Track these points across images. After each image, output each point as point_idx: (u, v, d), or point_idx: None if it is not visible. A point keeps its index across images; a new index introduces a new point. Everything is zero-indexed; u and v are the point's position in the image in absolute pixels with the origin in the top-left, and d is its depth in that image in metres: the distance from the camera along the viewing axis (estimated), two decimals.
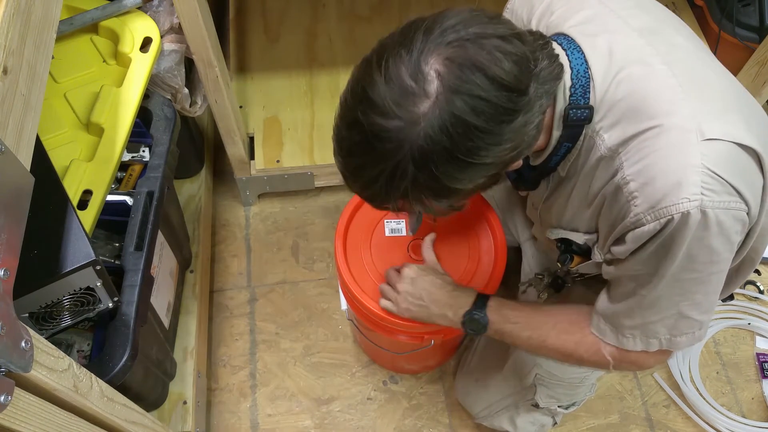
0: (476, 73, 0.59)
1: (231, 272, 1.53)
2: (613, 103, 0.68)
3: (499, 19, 0.64)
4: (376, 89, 0.61)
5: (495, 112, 0.60)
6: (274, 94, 1.56)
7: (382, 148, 0.62)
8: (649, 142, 0.65)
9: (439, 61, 0.60)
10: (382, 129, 0.61)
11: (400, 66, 0.60)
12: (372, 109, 0.61)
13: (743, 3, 1.58)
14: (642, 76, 0.67)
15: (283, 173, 1.49)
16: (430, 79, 0.59)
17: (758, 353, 1.49)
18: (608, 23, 0.72)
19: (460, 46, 0.60)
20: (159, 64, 1.13)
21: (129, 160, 1.12)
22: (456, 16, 0.62)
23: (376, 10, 1.71)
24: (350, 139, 0.65)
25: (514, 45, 0.62)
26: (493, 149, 0.62)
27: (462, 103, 0.59)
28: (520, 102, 0.62)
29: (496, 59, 0.60)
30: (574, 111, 0.69)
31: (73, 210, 0.77)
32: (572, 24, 0.73)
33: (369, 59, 0.64)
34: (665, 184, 0.64)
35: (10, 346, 0.46)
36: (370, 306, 1.02)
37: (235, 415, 1.37)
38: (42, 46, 0.60)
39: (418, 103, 0.60)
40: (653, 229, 0.66)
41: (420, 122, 0.60)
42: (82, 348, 0.97)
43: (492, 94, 0.60)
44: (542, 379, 1.08)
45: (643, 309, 0.75)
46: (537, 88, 0.64)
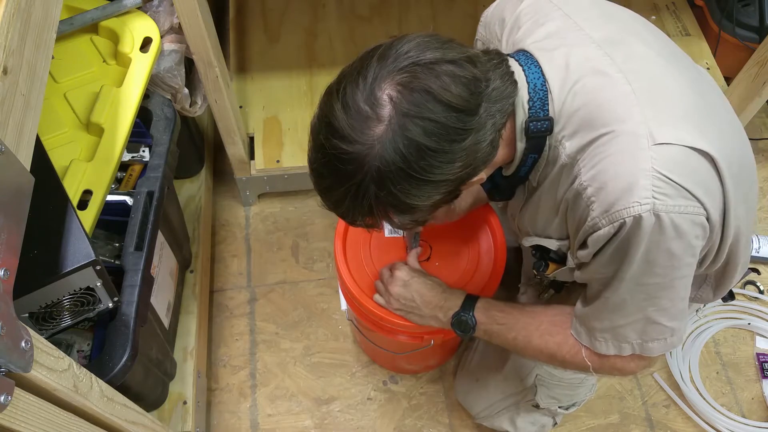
0: (427, 97, 0.63)
1: (231, 272, 1.53)
2: (571, 113, 0.70)
3: (452, 44, 0.67)
4: (335, 115, 0.65)
5: (446, 133, 0.64)
6: (274, 94, 1.56)
7: (344, 170, 0.66)
8: (603, 147, 0.68)
9: (392, 86, 0.63)
10: (342, 152, 0.65)
11: (356, 92, 0.64)
12: (333, 134, 0.65)
13: (743, 3, 1.58)
14: (597, 85, 0.69)
15: (283, 173, 1.49)
16: (383, 103, 0.63)
17: (758, 353, 1.49)
18: (568, 37, 0.74)
19: (412, 72, 0.63)
20: (159, 64, 1.13)
21: (129, 160, 1.12)
22: (409, 42, 0.65)
23: (376, 10, 1.71)
24: (318, 161, 0.69)
25: (464, 68, 0.65)
26: (446, 167, 0.65)
27: (413, 126, 0.63)
28: (470, 122, 0.65)
29: (444, 84, 0.63)
30: (534, 123, 0.72)
31: (73, 210, 0.77)
32: (533, 40, 0.75)
33: (331, 87, 0.68)
34: (617, 188, 0.66)
35: (10, 346, 0.46)
36: (370, 306, 1.02)
37: (235, 415, 1.37)
38: (42, 46, 0.60)
39: (373, 126, 0.63)
40: (608, 233, 0.68)
41: (375, 145, 0.63)
42: (82, 348, 0.97)
43: (442, 116, 0.63)
44: (543, 380, 1.08)
45: (609, 312, 0.76)
46: (488, 107, 0.67)
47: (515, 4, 0.82)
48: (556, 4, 0.78)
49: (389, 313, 1.01)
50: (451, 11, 1.73)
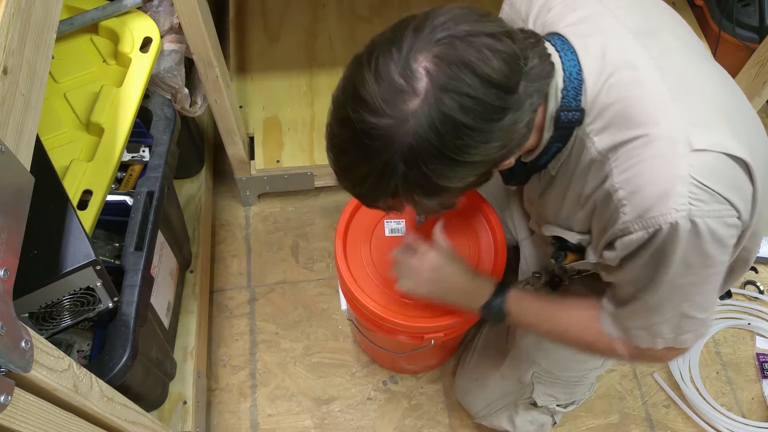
0: (465, 71, 0.59)
1: (231, 272, 1.53)
2: (604, 107, 0.68)
3: (489, 17, 0.64)
4: (366, 87, 0.61)
5: (484, 110, 0.61)
6: (274, 94, 1.56)
7: (372, 146, 0.62)
8: (638, 151, 0.66)
9: (428, 58, 0.60)
10: (372, 126, 0.61)
11: (389, 64, 0.60)
12: (362, 107, 0.61)
13: (743, 3, 1.58)
14: (632, 80, 0.67)
15: (283, 173, 1.49)
16: (419, 76, 0.60)
17: (758, 353, 1.49)
18: (603, 24, 0.72)
19: (450, 44, 0.60)
20: (159, 64, 1.13)
21: (129, 160, 1.12)
22: (446, 14, 0.62)
23: (376, 10, 1.71)
24: (341, 136, 0.65)
25: (504, 43, 0.61)
26: (482, 147, 0.62)
27: (451, 101, 0.59)
28: (509, 100, 0.62)
29: (485, 57, 0.60)
30: (565, 113, 0.70)
31: (73, 210, 0.77)
32: (567, 24, 0.73)
33: (360, 57, 0.64)
34: (653, 194, 0.65)
35: (10, 346, 0.46)
36: (370, 306, 1.02)
37: (235, 415, 1.37)
38: (42, 46, 0.60)
39: (408, 100, 0.60)
40: (641, 238, 0.67)
41: (409, 120, 0.60)
42: (82, 348, 0.97)
43: (481, 92, 0.60)
44: (540, 377, 1.08)
45: (645, 312, 0.76)
46: (527, 86, 0.64)
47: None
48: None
49: (389, 312, 1.01)
50: None
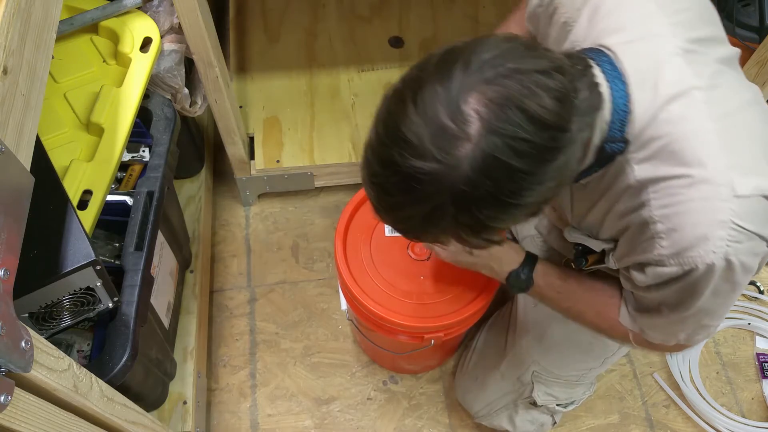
0: (517, 113, 0.56)
1: (231, 272, 1.53)
2: (650, 139, 0.67)
3: (537, 50, 0.61)
4: (412, 128, 0.58)
5: (538, 153, 0.58)
6: (274, 94, 1.56)
7: (420, 191, 0.59)
8: (680, 190, 0.66)
9: (479, 99, 0.57)
10: (420, 171, 0.58)
11: (436, 104, 0.57)
12: (409, 151, 0.58)
13: (743, 3, 1.58)
14: (681, 117, 0.66)
15: (283, 173, 1.49)
16: (470, 119, 0.56)
17: (758, 353, 1.49)
18: (656, 39, 0.69)
19: (500, 83, 0.57)
20: (159, 64, 1.13)
21: (129, 160, 1.12)
22: (493, 49, 0.59)
23: (376, 10, 1.71)
24: (385, 177, 0.62)
25: (555, 79, 0.59)
26: (536, 189, 0.60)
27: (504, 146, 0.56)
28: (562, 139, 0.59)
29: (537, 97, 0.57)
30: (609, 145, 0.68)
31: (73, 210, 0.77)
32: (620, 40, 0.69)
33: (401, 92, 0.60)
34: (692, 235, 0.65)
35: (10, 346, 0.46)
36: (370, 306, 1.02)
37: (235, 415, 1.37)
38: (42, 46, 0.60)
39: (459, 145, 0.57)
40: (675, 272, 0.68)
41: (461, 165, 0.57)
42: (82, 348, 0.97)
43: (535, 135, 0.57)
44: (539, 376, 1.08)
45: (667, 325, 0.78)
46: (578, 121, 0.61)
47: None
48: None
49: (389, 312, 1.02)
50: (451, 11, 1.73)
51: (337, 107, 1.56)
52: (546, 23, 0.81)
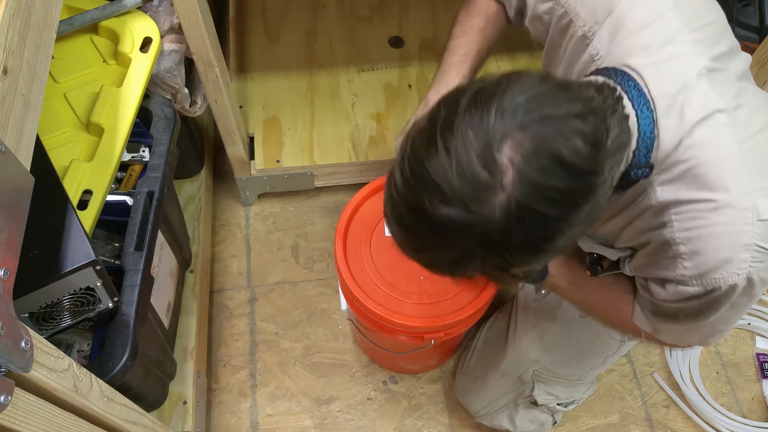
0: (552, 161, 0.55)
1: (231, 272, 1.53)
2: (674, 163, 0.67)
3: (570, 91, 0.59)
4: (443, 175, 0.56)
5: (572, 200, 0.57)
6: (274, 94, 1.56)
7: (450, 237, 0.58)
8: (705, 214, 0.66)
9: (513, 148, 0.55)
10: (451, 220, 0.56)
11: (469, 151, 0.55)
12: (439, 198, 0.56)
13: (743, 3, 1.58)
14: (706, 141, 0.66)
15: (283, 173, 1.49)
16: (504, 168, 0.55)
17: (758, 353, 1.49)
18: (683, 59, 0.68)
19: (534, 130, 0.55)
20: (159, 64, 1.13)
21: (129, 160, 1.12)
22: (527, 91, 0.57)
23: (376, 10, 1.71)
24: (412, 220, 0.60)
25: (588, 122, 0.57)
26: (569, 232, 0.59)
27: (538, 195, 0.55)
28: (595, 183, 0.58)
29: (571, 144, 0.55)
30: (635, 171, 0.68)
31: (73, 210, 0.77)
32: (648, 62, 0.68)
33: (429, 133, 0.58)
34: (716, 258, 0.66)
35: (10, 346, 0.46)
36: (370, 306, 1.02)
37: (235, 415, 1.37)
38: (42, 46, 0.60)
39: (492, 194, 0.55)
40: (697, 292, 0.69)
41: (494, 214, 0.56)
42: (82, 348, 0.97)
43: (568, 182, 0.56)
44: (540, 376, 1.08)
45: (683, 331, 0.80)
46: (610, 162, 0.60)
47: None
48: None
49: (389, 312, 1.01)
50: (451, 11, 1.73)
51: (337, 107, 1.56)
52: (558, 34, 0.80)
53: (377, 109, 1.56)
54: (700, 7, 0.72)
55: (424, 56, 1.64)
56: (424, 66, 1.63)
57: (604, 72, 0.70)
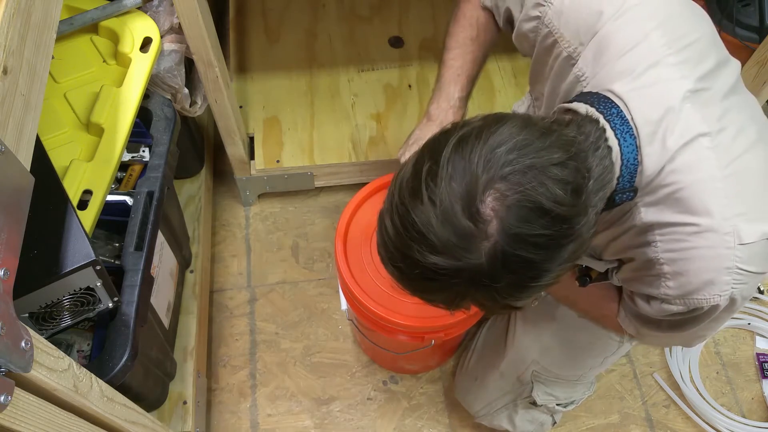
0: (534, 211, 0.57)
1: (231, 272, 1.53)
2: (658, 187, 0.68)
3: (552, 135, 0.60)
4: (430, 227, 0.58)
5: (556, 243, 0.59)
6: (274, 94, 1.56)
7: (441, 281, 0.60)
8: (687, 237, 0.67)
9: (496, 198, 0.57)
10: (441, 267, 0.59)
11: (454, 205, 0.57)
12: (427, 248, 0.59)
13: (743, 3, 1.58)
14: (689, 166, 0.66)
15: (283, 173, 1.49)
16: (488, 219, 0.57)
17: (758, 353, 1.49)
18: (668, 86, 0.68)
19: (516, 181, 0.57)
20: (159, 64, 1.13)
21: (129, 160, 1.12)
22: (508, 140, 0.58)
23: (376, 10, 1.71)
24: (405, 265, 0.63)
25: (570, 170, 0.59)
26: (554, 271, 0.61)
27: (522, 243, 0.57)
28: (578, 224, 0.60)
29: (553, 195, 0.57)
30: (619, 196, 0.69)
31: (73, 210, 0.77)
32: (629, 87, 0.68)
33: (415, 182, 0.60)
34: (699, 281, 0.67)
35: (10, 346, 0.46)
36: (370, 306, 1.02)
37: (235, 415, 1.37)
38: (42, 46, 0.60)
39: (478, 243, 0.57)
40: (680, 310, 0.71)
41: (481, 261, 0.58)
42: (82, 348, 0.97)
43: (551, 228, 0.58)
44: (539, 376, 1.08)
45: (666, 338, 0.82)
46: (593, 201, 0.62)
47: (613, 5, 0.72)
48: (653, 14, 0.71)
49: (389, 312, 1.01)
50: (450, 11, 1.72)
51: (337, 107, 1.56)
52: (543, 52, 0.81)
53: (377, 109, 1.56)
54: (685, 23, 0.72)
55: (424, 56, 1.64)
56: (424, 66, 1.63)
57: (588, 98, 0.69)
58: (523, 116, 0.62)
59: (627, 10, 0.71)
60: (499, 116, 0.61)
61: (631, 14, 0.71)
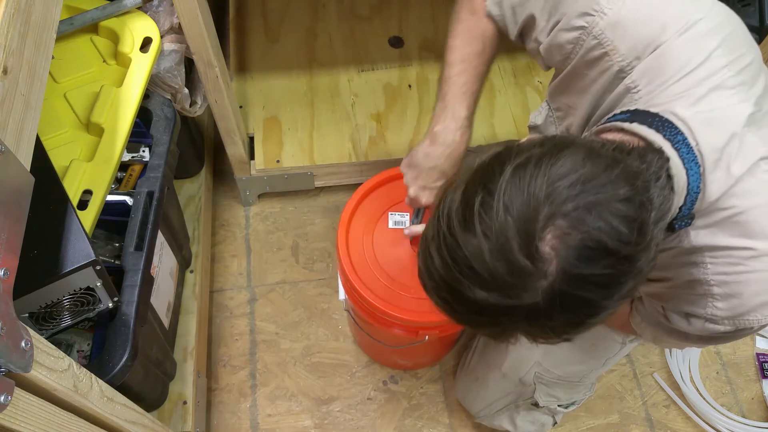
0: (597, 251, 0.53)
1: (231, 272, 1.53)
2: (715, 210, 0.67)
3: (617, 167, 0.56)
4: (483, 263, 0.54)
5: (616, 281, 0.56)
6: (274, 94, 1.56)
7: (491, 317, 0.58)
8: (743, 261, 0.67)
9: (556, 236, 0.53)
10: (492, 305, 0.56)
11: (510, 240, 0.53)
12: (479, 284, 0.55)
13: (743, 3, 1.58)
14: (748, 191, 0.65)
15: (283, 173, 1.49)
16: (547, 258, 0.53)
17: (758, 353, 1.49)
18: (731, 111, 0.66)
19: (578, 218, 0.53)
20: (159, 64, 1.13)
21: (129, 160, 1.12)
22: (570, 173, 0.54)
23: (376, 10, 1.71)
24: (452, 297, 0.60)
25: (634, 206, 0.55)
26: (611, 307, 0.58)
27: (582, 283, 0.54)
28: (640, 261, 0.56)
29: (617, 234, 0.53)
30: (679, 223, 0.68)
31: (73, 210, 0.77)
32: (693, 111, 0.66)
33: (466, 212, 0.56)
34: (752, 303, 0.67)
35: (10, 346, 0.46)
36: (366, 295, 1.03)
37: (235, 415, 1.37)
38: (42, 46, 0.60)
39: (534, 283, 0.54)
40: (727, 330, 0.71)
41: (537, 299, 0.55)
42: (82, 348, 0.97)
43: (612, 267, 0.55)
44: (541, 377, 1.08)
45: (685, 344, 0.81)
46: (654, 234, 0.58)
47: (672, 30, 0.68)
48: (715, 30, 0.68)
49: (385, 304, 1.02)
50: (450, 11, 1.72)
51: (337, 107, 1.56)
52: (584, 65, 0.76)
53: (377, 109, 1.56)
54: (742, 43, 0.70)
55: (424, 56, 1.64)
56: (424, 66, 1.63)
57: (649, 120, 0.67)
58: (585, 144, 0.58)
59: (692, 26, 0.68)
60: (560, 142, 0.58)
61: (695, 30, 0.68)
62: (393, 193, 1.14)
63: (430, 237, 0.60)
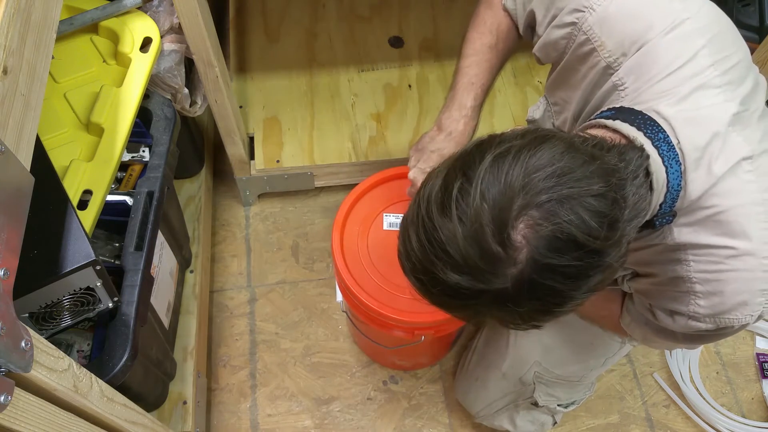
0: (566, 243, 0.55)
1: (231, 272, 1.53)
2: (697, 209, 0.67)
3: (595, 162, 0.57)
4: (456, 247, 0.56)
5: (585, 273, 0.57)
6: (274, 94, 1.56)
7: (462, 299, 0.59)
8: (724, 260, 0.67)
9: (528, 225, 0.55)
10: (464, 288, 0.58)
11: (484, 226, 0.55)
12: (451, 266, 0.57)
13: (743, 3, 1.58)
14: (730, 190, 0.66)
15: (283, 173, 1.49)
16: (518, 246, 0.55)
17: (758, 353, 1.49)
18: (714, 111, 0.67)
19: (550, 209, 0.54)
20: (159, 64, 1.13)
21: (129, 160, 1.12)
22: (547, 165, 0.56)
23: (376, 10, 1.71)
24: (427, 279, 0.61)
25: (607, 202, 0.56)
26: (580, 298, 0.59)
27: (551, 273, 0.56)
28: (609, 255, 0.57)
29: (588, 227, 0.55)
30: (660, 220, 0.69)
31: (73, 210, 0.77)
32: (676, 110, 0.67)
33: (444, 197, 0.58)
34: (733, 302, 0.68)
35: (10, 346, 0.46)
36: (362, 297, 1.03)
37: (235, 415, 1.37)
38: (42, 46, 0.60)
39: (505, 269, 0.56)
40: (709, 328, 0.71)
41: (506, 285, 0.56)
42: (82, 348, 0.97)
43: (584, 261, 0.56)
44: (541, 377, 1.08)
45: (673, 344, 0.82)
46: (627, 231, 0.59)
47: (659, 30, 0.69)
48: (702, 30, 0.69)
49: (381, 305, 1.02)
50: (451, 11, 1.73)
51: (337, 107, 1.56)
52: (575, 60, 0.77)
53: (377, 109, 1.56)
54: (730, 43, 0.70)
55: (424, 56, 1.64)
56: (424, 66, 1.63)
57: (632, 117, 0.68)
58: (566, 138, 0.59)
59: (678, 25, 0.69)
60: (541, 135, 0.59)
61: (682, 29, 0.69)
62: (387, 195, 1.14)
63: (410, 219, 0.62)
